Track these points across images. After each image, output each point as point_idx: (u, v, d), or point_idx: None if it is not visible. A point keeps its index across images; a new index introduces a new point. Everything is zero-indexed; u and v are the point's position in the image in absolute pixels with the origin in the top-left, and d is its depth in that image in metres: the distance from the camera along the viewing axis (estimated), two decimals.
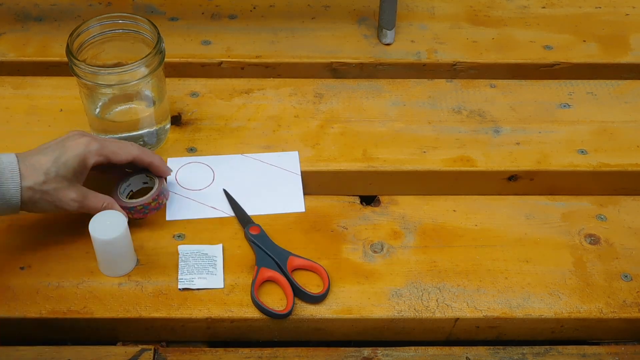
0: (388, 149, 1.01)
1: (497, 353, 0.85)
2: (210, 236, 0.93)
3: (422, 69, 1.15)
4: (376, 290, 0.88)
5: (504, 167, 1.00)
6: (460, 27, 1.21)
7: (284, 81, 1.12)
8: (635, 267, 0.91)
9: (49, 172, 0.83)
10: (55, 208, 0.85)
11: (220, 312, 0.86)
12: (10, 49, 1.14)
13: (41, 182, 0.82)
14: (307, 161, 1.00)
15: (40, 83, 1.09)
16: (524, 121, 1.06)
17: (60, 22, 1.18)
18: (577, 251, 0.93)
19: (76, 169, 0.85)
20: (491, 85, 1.12)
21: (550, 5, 1.26)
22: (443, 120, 1.06)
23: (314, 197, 0.98)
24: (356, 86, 1.11)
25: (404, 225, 0.95)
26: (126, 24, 0.97)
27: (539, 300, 0.88)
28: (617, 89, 1.11)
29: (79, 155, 0.85)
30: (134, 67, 0.91)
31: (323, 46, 1.16)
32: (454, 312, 0.87)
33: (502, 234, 0.95)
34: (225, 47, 1.15)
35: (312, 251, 0.91)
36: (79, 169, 0.85)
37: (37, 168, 0.82)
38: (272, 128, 1.04)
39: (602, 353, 0.86)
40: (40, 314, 0.85)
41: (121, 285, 0.87)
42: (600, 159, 1.01)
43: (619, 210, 0.99)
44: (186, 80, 1.11)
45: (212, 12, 1.22)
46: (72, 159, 0.84)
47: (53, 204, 0.84)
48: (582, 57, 1.16)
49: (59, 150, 0.84)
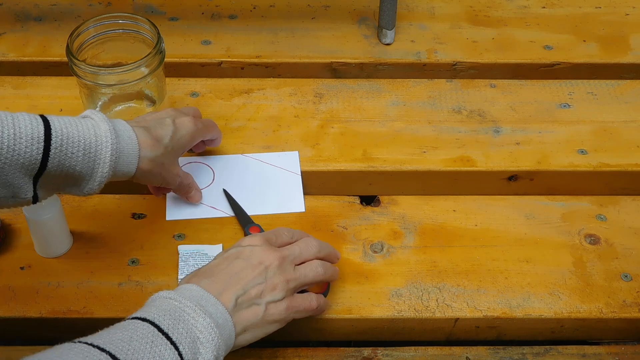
0: (388, 149, 1.01)
1: (497, 353, 0.85)
2: (210, 236, 0.93)
3: (422, 69, 1.15)
4: (376, 290, 0.88)
5: (504, 167, 1.00)
6: (460, 27, 1.21)
7: (284, 81, 1.12)
8: (635, 267, 0.91)
9: (167, 146, 0.85)
10: (162, 180, 0.87)
11: None
12: (10, 49, 1.14)
13: (161, 154, 0.84)
14: (307, 161, 1.00)
15: (40, 83, 1.09)
16: (524, 121, 1.06)
17: (60, 22, 1.18)
18: (577, 251, 0.93)
19: (185, 146, 0.89)
20: (491, 85, 1.12)
21: (550, 5, 1.26)
22: (443, 120, 1.06)
23: (314, 197, 0.98)
24: (356, 86, 1.11)
25: (404, 225, 0.95)
26: (126, 24, 0.97)
27: (539, 300, 0.88)
28: (617, 89, 1.11)
29: (190, 132, 0.89)
30: (134, 67, 0.91)
31: (323, 46, 1.16)
32: (454, 312, 0.87)
33: (502, 234, 0.95)
34: (225, 47, 1.16)
35: None
36: (187, 146, 0.90)
37: (159, 140, 0.84)
38: (272, 128, 1.04)
39: (602, 353, 0.86)
40: (40, 314, 0.85)
41: (121, 285, 0.87)
42: (600, 159, 1.01)
43: (619, 210, 0.99)
44: (186, 80, 1.11)
45: (212, 12, 1.22)
46: (185, 136, 0.88)
47: (161, 176, 0.86)
48: (582, 57, 1.16)
49: (173, 126, 0.86)
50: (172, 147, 0.86)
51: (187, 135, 0.89)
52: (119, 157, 0.79)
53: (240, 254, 0.78)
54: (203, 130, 0.92)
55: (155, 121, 0.86)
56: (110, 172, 0.78)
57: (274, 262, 0.78)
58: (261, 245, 0.79)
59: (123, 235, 0.92)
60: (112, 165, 0.78)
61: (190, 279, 0.75)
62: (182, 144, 0.88)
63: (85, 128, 0.77)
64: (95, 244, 0.91)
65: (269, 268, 0.77)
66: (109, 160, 0.78)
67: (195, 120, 0.90)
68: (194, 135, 0.90)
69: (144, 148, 0.82)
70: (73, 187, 0.79)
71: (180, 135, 0.87)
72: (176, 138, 0.86)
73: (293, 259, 0.80)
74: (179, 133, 0.87)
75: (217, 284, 0.74)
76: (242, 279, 0.75)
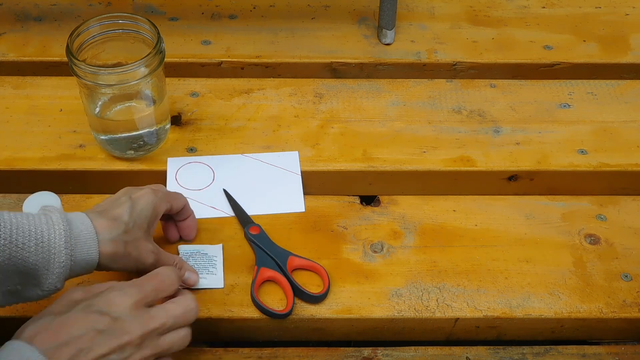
0: (388, 149, 1.01)
1: (497, 353, 0.85)
2: (210, 236, 0.93)
3: (422, 69, 1.15)
4: (376, 290, 0.88)
5: (504, 167, 1.00)
6: (460, 27, 1.21)
7: (284, 81, 1.12)
8: (635, 267, 0.91)
9: (128, 223, 0.80)
10: (134, 261, 0.80)
11: (220, 312, 0.86)
12: (10, 49, 1.14)
13: (122, 232, 0.79)
14: (307, 161, 1.00)
15: (40, 83, 1.09)
16: (524, 121, 1.06)
17: (60, 22, 1.18)
18: (577, 251, 0.93)
19: (150, 218, 0.83)
20: (491, 85, 1.12)
21: (550, 5, 1.26)
22: (443, 120, 1.06)
23: (314, 197, 0.98)
24: (356, 86, 1.11)
25: (404, 225, 0.96)
26: (126, 24, 0.97)
27: (539, 300, 0.88)
28: (617, 89, 1.11)
29: (151, 203, 0.83)
30: (134, 67, 0.91)
31: (323, 46, 1.16)
32: (454, 312, 0.87)
33: (502, 234, 0.95)
34: (225, 47, 1.16)
35: (312, 251, 0.91)
36: (152, 218, 0.83)
37: (116, 219, 0.79)
38: (272, 128, 1.04)
39: (602, 353, 0.86)
40: None
41: None
42: (600, 159, 1.01)
43: (619, 210, 0.99)
44: (186, 80, 1.11)
45: (212, 12, 1.22)
46: (146, 208, 0.82)
47: (131, 257, 0.80)
48: (582, 57, 1.16)
49: (130, 202, 0.81)
50: (133, 222, 0.80)
51: (148, 206, 0.82)
52: (75, 244, 0.74)
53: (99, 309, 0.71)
54: (165, 197, 0.85)
55: (111, 203, 0.82)
56: (69, 261, 0.74)
57: (135, 340, 0.71)
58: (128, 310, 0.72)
59: None
60: (68, 254, 0.73)
61: (27, 325, 0.70)
62: (144, 217, 0.82)
63: (36, 218, 0.73)
64: None
65: (128, 345, 0.71)
66: (64, 248, 0.73)
67: (153, 191, 0.84)
68: (155, 205, 0.83)
69: (102, 231, 0.77)
70: (31, 286, 0.73)
71: (141, 208, 0.81)
72: (136, 212, 0.81)
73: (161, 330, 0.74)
74: (138, 207, 0.81)
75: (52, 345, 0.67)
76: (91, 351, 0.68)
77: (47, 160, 0.98)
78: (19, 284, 0.73)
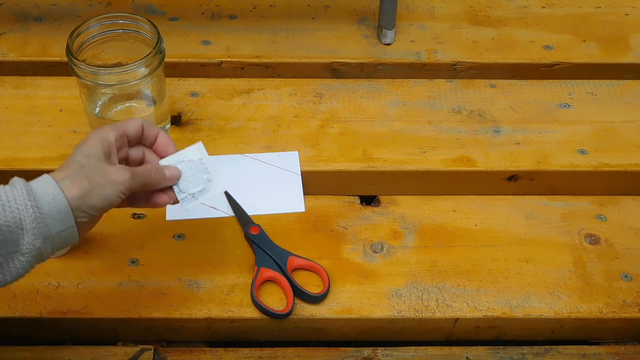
0: (388, 149, 1.01)
1: (497, 353, 0.85)
2: (211, 236, 0.93)
3: (422, 69, 1.15)
4: (376, 290, 0.88)
5: (504, 167, 1.00)
6: (460, 27, 1.21)
7: (284, 81, 1.12)
8: (635, 267, 0.91)
9: (79, 161, 0.76)
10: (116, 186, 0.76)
11: (220, 312, 0.86)
12: (10, 49, 1.14)
13: (78, 169, 0.75)
14: (307, 161, 1.00)
15: (40, 83, 1.09)
16: (524, 121, 1.06)
17: (60, 22, 1.18)
18: (577, 251, 0.93)
19: (103, 148, 0.78)
20: (491, 85, 1.12)
21: (550, 5, 1.26)
22: (443, 120, 1.06)
23: (314, 197, 0.98)
24: (356, 86, 1.11)
25: (404, 225, 0.96)
26: (126, 24, 0.97)
27: (539, 300, 0.88)
28: (617, 89, 1.11)
29: (97, 136, 0.78)
30: (134, 67, 0.91)
31: (323, 46, 1.16)
32: (454, 312, 0.87)
33: (502, 234, 0.95)
34: (225, 47, 1.15)
35: (312, 251, 0.91)
36: (105, 148, 0.78)
37: (68, 163, 0.76)
38: (272, 128, 1.04)
39: (602, 353, 0.86)
40: (40, 314, 0.85)
41: (121, 285, 0.87)
42: (600, 159, 1.01)
43: (619, 210, 0.99)
44: (186, 80, 1.11)
45: (212, 12, 1.22)
46: (93, 140, 0.77)
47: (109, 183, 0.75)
48: (582, 57, 1.16)
49: (76, 148, 0.78)
50: (86, 158, 0.76)
51: (95, 140, 0.78)
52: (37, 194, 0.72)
53: None
54: (113, 127, 0.80)
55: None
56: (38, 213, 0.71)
57: None
58: None
59: (123, 235, 0.92)
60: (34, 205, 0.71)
61: None
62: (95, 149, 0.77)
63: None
64: (95, 244, 0.91)
65: None
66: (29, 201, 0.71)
67: (99, 129, 0.80)
68: (102, 136, 0.78)
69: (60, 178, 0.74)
70: (13, 253, 0.72)
71: (87, 145, 0.77)
72: (84, 149, 0.77)
73: None
74: (84, 145, 0.77)
75: None
76: None
77: (47, 160, 0.98)
78: (0, 256, 0.71)
